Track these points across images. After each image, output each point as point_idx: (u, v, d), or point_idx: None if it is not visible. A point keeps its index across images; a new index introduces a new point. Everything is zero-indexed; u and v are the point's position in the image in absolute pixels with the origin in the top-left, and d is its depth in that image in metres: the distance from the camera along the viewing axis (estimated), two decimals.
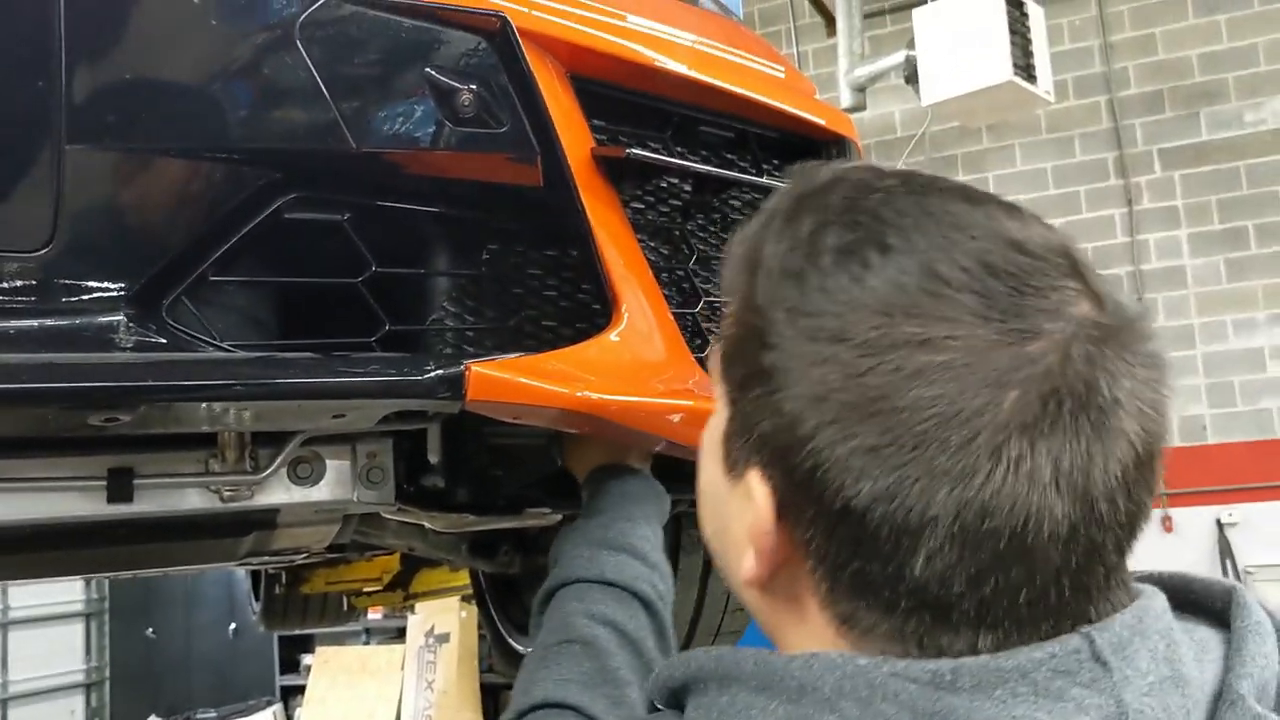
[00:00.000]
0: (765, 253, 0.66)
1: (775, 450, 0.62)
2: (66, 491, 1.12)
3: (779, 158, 1.45)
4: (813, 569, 0.62)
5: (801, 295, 0.62)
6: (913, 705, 0.57)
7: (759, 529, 0.63)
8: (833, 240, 0.63)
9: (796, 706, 0.60)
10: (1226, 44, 6.11)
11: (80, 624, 7.66)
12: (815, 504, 0.60)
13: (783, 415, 0.61)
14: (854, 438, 0.58)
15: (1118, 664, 0.58)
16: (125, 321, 0.93)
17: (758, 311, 0.64)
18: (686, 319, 1.31)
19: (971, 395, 0.57)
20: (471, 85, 1.04)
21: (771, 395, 0.61)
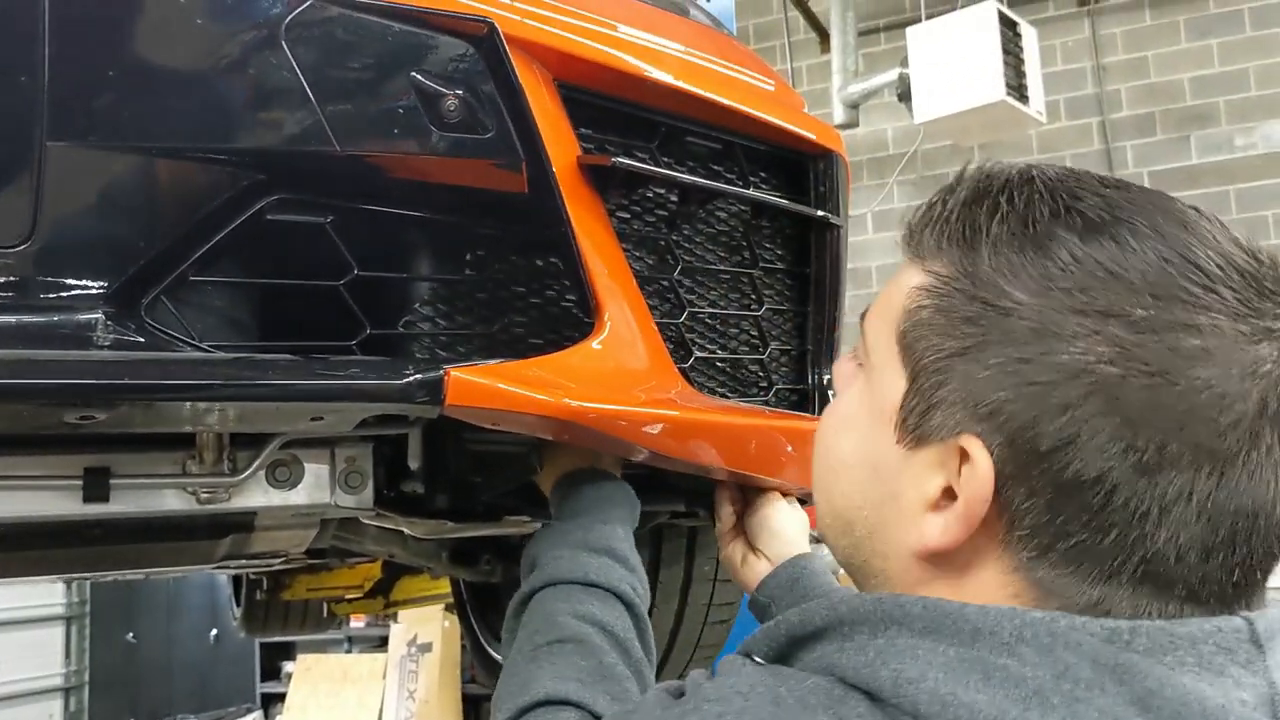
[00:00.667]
0: (984, 226, 0.67)
1: (1006, 418, 0.63)
2: (42, 490, 1.11)
3: (766, 170, 1.45)
4: (1019, 538, 0.64)
5: (1049, 266, 0.64)
6: (1094, 656, 0.59)
7: (978, 496, 0.63)
8: (1076, 218, 0.65)
9: (969, 649, 0.61)
10: (1218, 68, 6.15)
11: (60, 627, 7.60)
12: (1048, 474, 0.62)
13: (1031, 384, 0.62)
14: (1118, 411, 0.60)
15: (1270, 649, 0.61)
16: (103, 320, 0.93)
17: (984, 281, 0.65)
18: (670, 329, 1.31)
19: (1234, 382, 0.60)
20: (457, 90, 1.04)
21: (1016, 364, 0.63)
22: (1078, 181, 0.69)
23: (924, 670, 0.61)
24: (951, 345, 0.66)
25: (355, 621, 6.70)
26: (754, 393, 1.46)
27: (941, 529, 0.66)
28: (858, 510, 0.73)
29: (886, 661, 0.63)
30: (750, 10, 6.98)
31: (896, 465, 0.69)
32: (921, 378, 0.68)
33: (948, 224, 0.70)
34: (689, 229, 1.36)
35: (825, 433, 0.79)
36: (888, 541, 0.71)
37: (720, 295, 1.41)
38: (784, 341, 1.50)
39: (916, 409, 0.68)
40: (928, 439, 0.67)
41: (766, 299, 1.45)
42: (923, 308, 0.69)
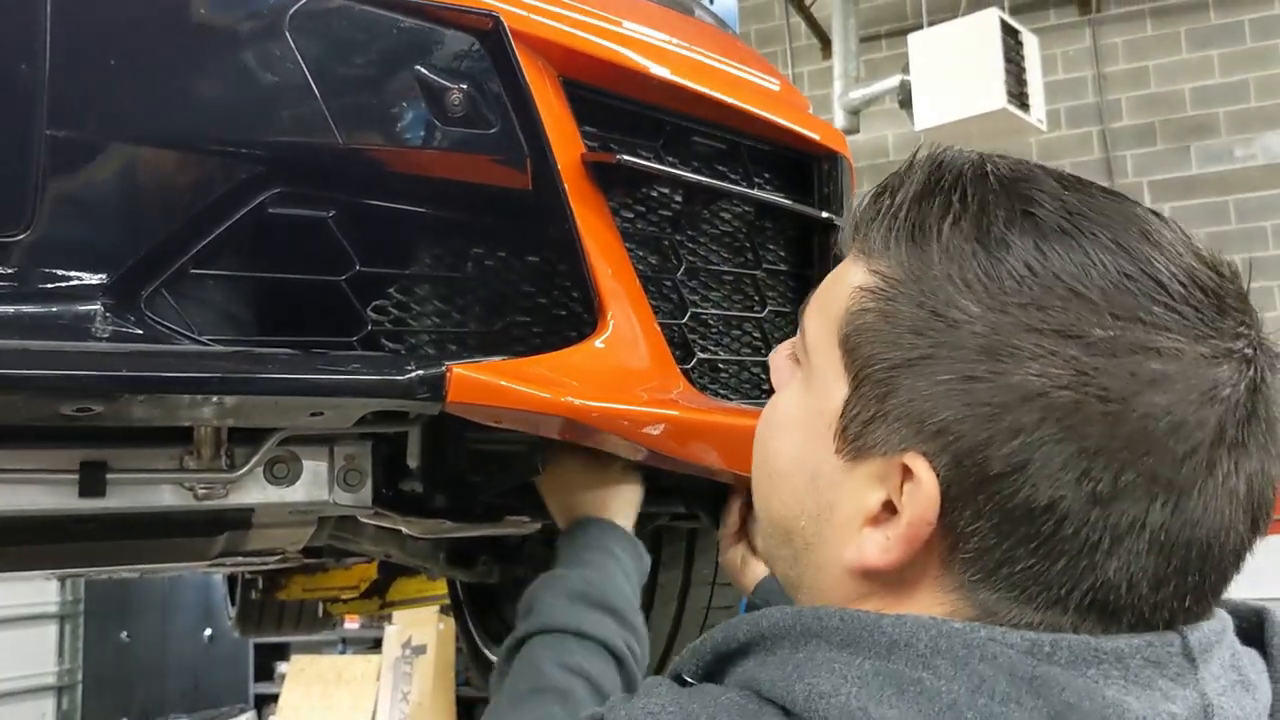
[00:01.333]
0: (935, 226, 0.63)
1: (954, 438, 0.59)
2: (37, 484, 1.10)
3: (770, 171, 1.45)
4: (962, 560, 0.61)
5: (1003, 278, 0.60)
6: (1011, 669, 0.57)
7: (922, 517, 0.60)
8: (1032, 223, 0.61)
9: (885, 662, 0.59)
10: (1218, 79, 6.16)
11: (54, 625, 7.58)
12: (996, 499, 0.59)
13: (982, 405, 0.59)
14: (1074, 439, 0.57)
15: (1203, 663, 0.59)
16: (102, 311, 0.92)
17: (932, 288, 0.61)
18: (673, 330, 1.30)
19: (1193, 408, 0.57)
20: (462, 85, 1.03)
21: (965, 381, 0.59)
22: (1034, 181, 0.65)
23: (838, 685, 0.58)
24: (896, 355, 0.62)
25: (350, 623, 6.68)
26: (756, 395, 1.45)
27: (881, 548, 0.63)
28: (794, 520, 0.69)
29: (802, 675, 0.60)
30: (752, 16, 6.99)
31: (835, 476, 0.66)
32: (864, 386, 0.64)
33: (896, 220, 0.65)
34: (693, 229, 1.35)
35: (763, 435, 0.74)
36: (823, 554, 0.67)
37: (723, 296, 1.40)
38: None
39: (858, 418, 0.64)
40: (869, 451, 0.63)
41: (770, 301, 1.44)
42: (866, 310, 0.65)
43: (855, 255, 0.68)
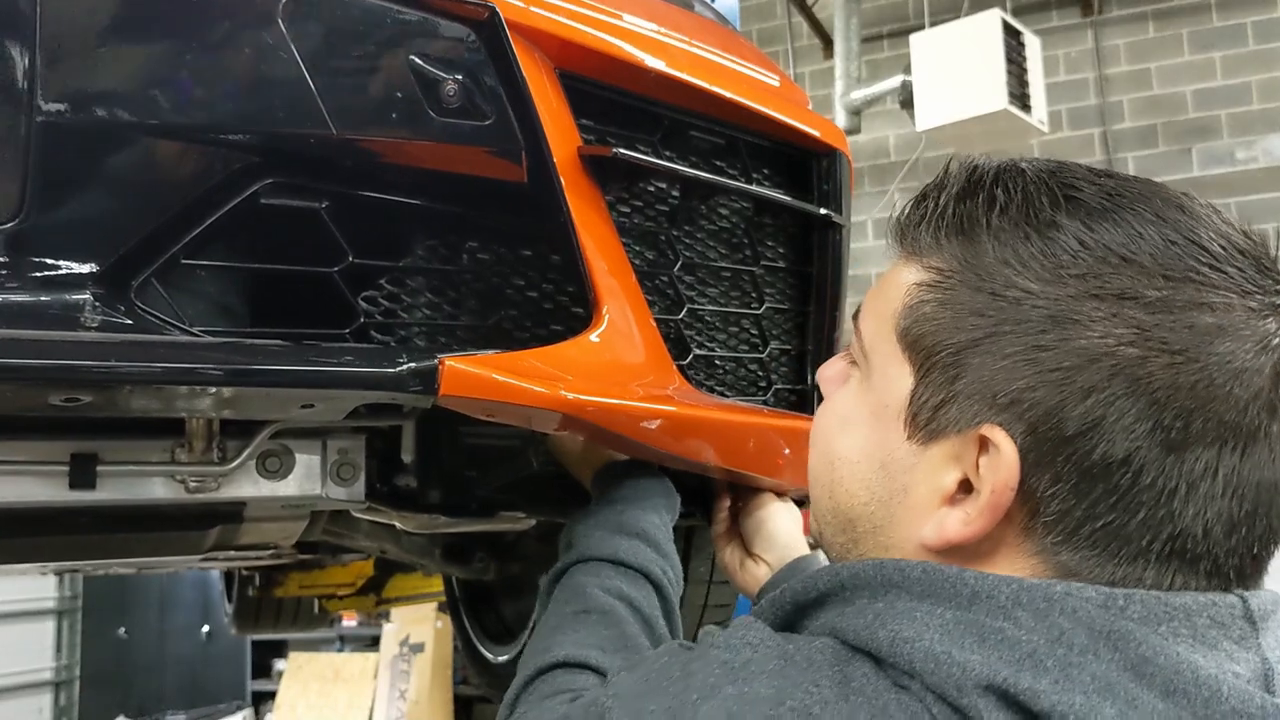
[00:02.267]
0: (983, 218, 0.68)
1: (1028, 406, 0.64)
2: (27, 476, 1.10)
3: (769, 167, 1.44)
4: (1043, 523, 0.65)
5: (1057, 254, 0.65)
6: (1090, 623, 0.60)
7: (1005, 484, 0.64)
8: (1077, 205, 0.67)
9: (966, 612, 0.62)
10: (1220, 81, 6.15)
11: (52, 621, 7.57)
12: (1074, 458, 0.63)
13: (1052, 371, 0.63)
14: (1143, 392, 0.62)
15: (1263, 628, 0.63)
16: (92, 301, 0.91)
17: (989, 272, 0.66)
18: (669, 325, 1.29)
19: (1250, 357, 0.62)
20: (457, 76, 1.02)
21: (1033, 351, 0.64)
22: (1069, 171, 0.70)
23: (920, 631, 0.62)
24: (961, 338, 0.67)
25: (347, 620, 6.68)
26: (753, 392, 1.44)
27: (963, 521, 0.67)
28: (862, 506, 0.74)
29: (884, 623, 0.63)
30: (754, 15, 6.98)
31: (907, 461, 0.70)
32: (932, 372, 0.68)
33: (943, 219, 0.71)
34: (690, 224, 1.34)
35: (823, 432, 0.80)
36: (894, 535, 0.71)
37: (720, 293, 1.39)
38: (784, 341, 1.48)
39: (928, 403, 0.69)
40: (942, 433, 0.68)
41: (767, 297, 1.44)
42: (924, 303, 0.70)
43: (904, 257, 0.74)
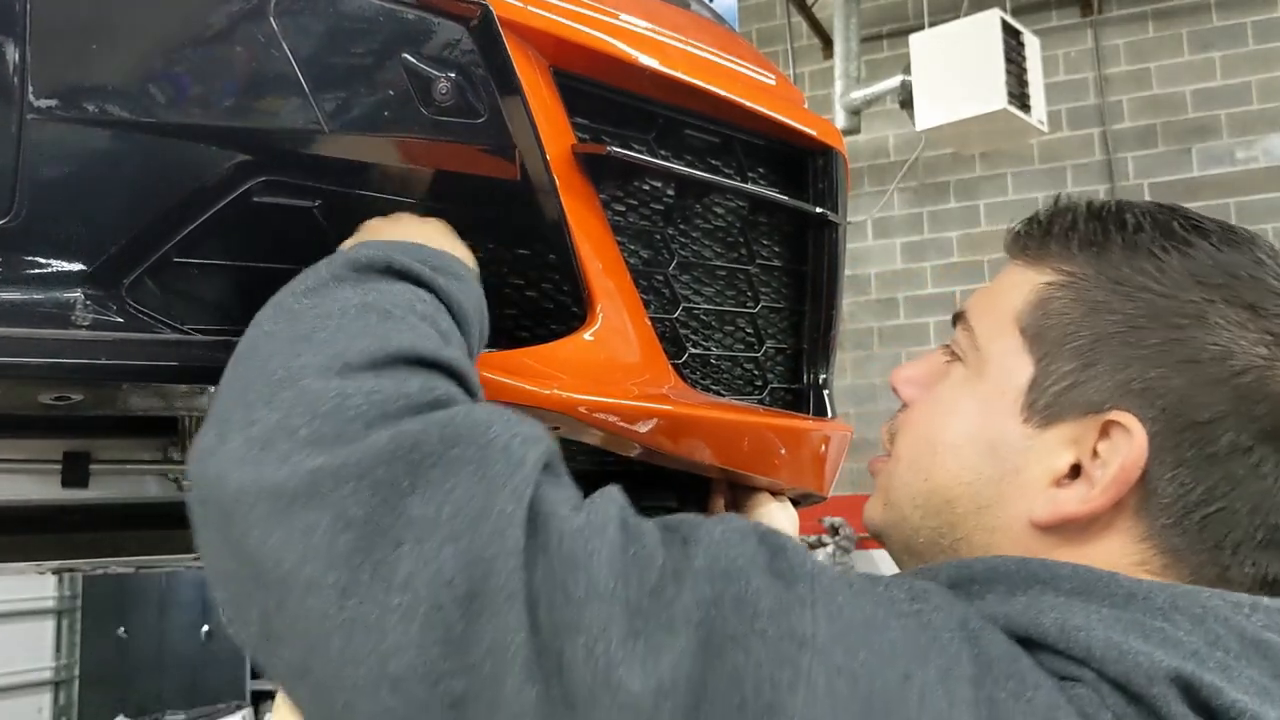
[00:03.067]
0: (1117, 234, 0.77)
1: (1162, 393, 0.71)
2: (19, 474, 1.09)
3: (765, 166, 1.43)
4: (1159, 506, 0.71)
5: (1193, 265, 0.73)
6: (1240, 631, 0.64)
7: (1134, 463, 0.70)
8: (1207, 233, 0.76)
9: (1124, 611, 0.64)
10: (1220, 81, 6.15)
11: (51, 621, 7.58)
12: (1200, 444, 0.70)
13: (1188, 362, 0.70)
14: (1267, 390, 0.70)
15: None
16: (83, 299, 0.91)
17: (1126, 276, 0.75)
18: (664, 325, 1.29)
19: None
20: (450, 74, 1.02)
21: (1171, 344, 0.71)
22: (1186, 210, 0.79)
23: (1088, 621, 0.63)
24: (1095, 330, 0.74)
25: None
26: (748, 391, 1.44)
27: (1081, 499, 0.72)
28: (965, 486, 0.78)
29: (1043, 613, 0.64)
30: (753, 15, 6.98)
31: (1021, 443, 0.75)
32: (1059, 360, 0.75)
33: (1075, 230, 0.79)
34: (685, 223, 1.34)
35: (925, 419, 0.84)
36: (999, 515, 0.76)
37: (716, 291, 1.39)
38: (780, 340, 1.48)
39: (1050, 389, 0.74)
40: (1062, 416, 0.74)
41: (763, 296, 1.43)
42: (1055, 299, 0.77)
43: (1022, 264, 0.82)
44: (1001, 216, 6.30)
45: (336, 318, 0.76)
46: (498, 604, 0.58)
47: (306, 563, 0.61)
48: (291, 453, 0.65)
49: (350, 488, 0.63)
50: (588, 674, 0.56)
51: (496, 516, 0.61)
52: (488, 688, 0.57)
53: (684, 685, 0.56)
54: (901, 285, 6.55)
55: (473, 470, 0.63)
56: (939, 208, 6.52)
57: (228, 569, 0.66)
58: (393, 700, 0.58)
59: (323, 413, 0.67)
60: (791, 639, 0.58)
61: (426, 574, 0.59)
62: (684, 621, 0.58)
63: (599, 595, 0.59)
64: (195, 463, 0.69)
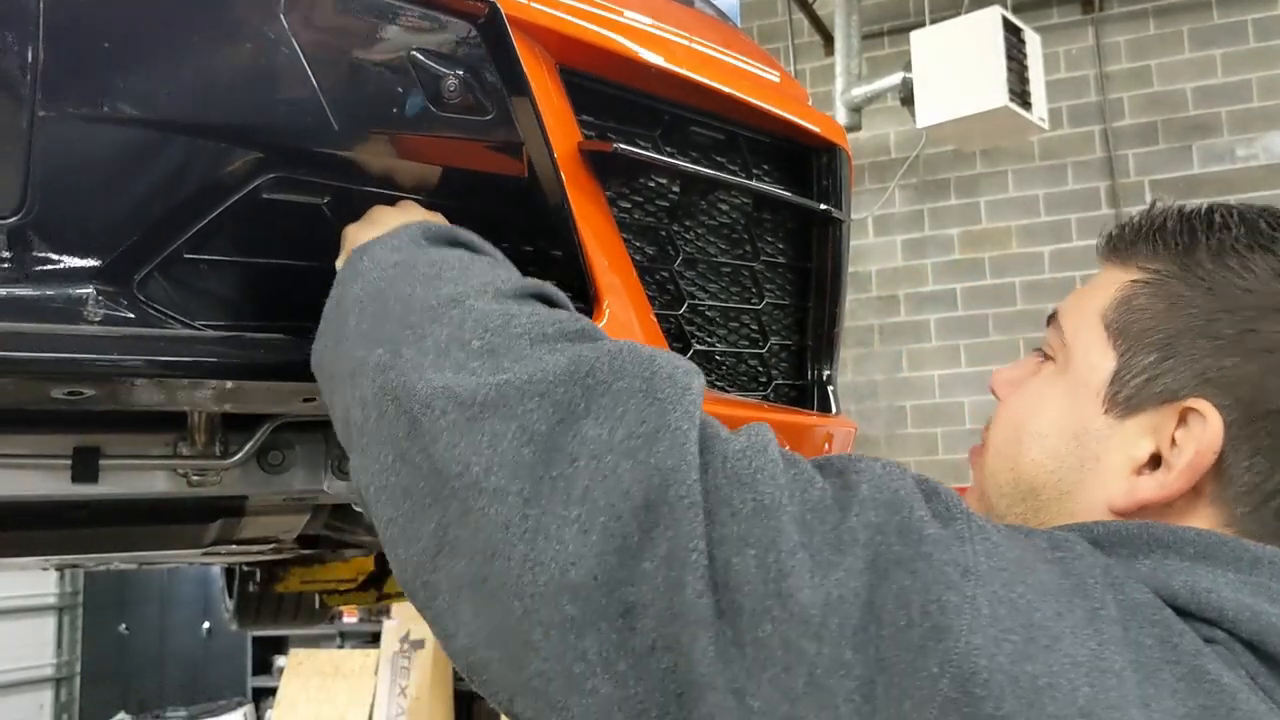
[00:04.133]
0: (1203, 234, 0.78)
1: (1238, 381, 0.72)
2: (30, 469, 1.10)
3: (769, 163, 1.44)
4: (1234, 494, 0.72)
5: (1276, 263, 0.75)
6: None
7: (1209, 447, 0.72)
8: None
9: (1250, 575, 0.67)
10: (1221, 79, 6.14)
11: (53, 617, 7.59)
12: (1275, 432, 0.72)
13: (1263, 352, 0.72)
14: None
15: None
16: (94, 295, 0.91)
17: (1209, 272, 0.76)
18: (670, 321, 1.29)
19: None
20: (459, 71, 1.03)
21: (1246, 335, 0.73)
22: (1274, 209, 0.80)
23: (1215, 584, 0.65)
24: (1175, 324, 0.76)
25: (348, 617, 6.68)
26: (753, 387, 1.44)
27: (1159, 485, 0.73)
28: (1049, 474, 0.80)
29: (1171, 576, 0.66)
30: (754, 12, 6.97)
31: (1103, 433, 0.78)
32: (1140, 354, 0.77)
33: (1163, 230, 0.81)
34: (690, 220, 1.34)
35: (1014, 412, 0.86)
36: (1081, 500, 0.78)
37: (721, 288, 1.40)
38: (784, 336, 1.49)
39: (1131, 381, 0.77)
40: (1142, 407, 0.76)
41: (767, 293, 1.44)
42: (1138, 295, 0.79)
43: (1113, 265, 0.84)
44: (1002, 213, 6.29)
45: (455, 264, 0.83)
46: (677, 512, 0.61)
47: (493, 471, 0.65)
48: (468, 361, 0.71)
49: (535, 403, 0.67)
50: (759, 584, 0.58)
51: (673, 432, 0.64)
52: (660, 596, 0.60)
53: (852, 601, 0.58)
54: (902, 282, 6.54)
55: (642, 396, 0.67)
56: (940, 204, 6.51)
57: (405, 483, 0.69)
58: (572, 608, 0.61)
59: (493, 327, 0.74)
60: (955, 566, 0.60)
61: (603, 487, 0.63)
62: (851, 542, 0.61)
63: (766, 510, 0.61)
64: (373, 378, 0.73)
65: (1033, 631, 0.58)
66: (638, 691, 0.59)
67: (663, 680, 0.59)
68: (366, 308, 0.81)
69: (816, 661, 0.57)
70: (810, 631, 0.57)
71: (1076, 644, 0.58)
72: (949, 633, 0.57)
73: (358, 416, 0.75)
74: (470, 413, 0.67)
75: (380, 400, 0.72)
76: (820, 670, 0.56)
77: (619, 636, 0.60)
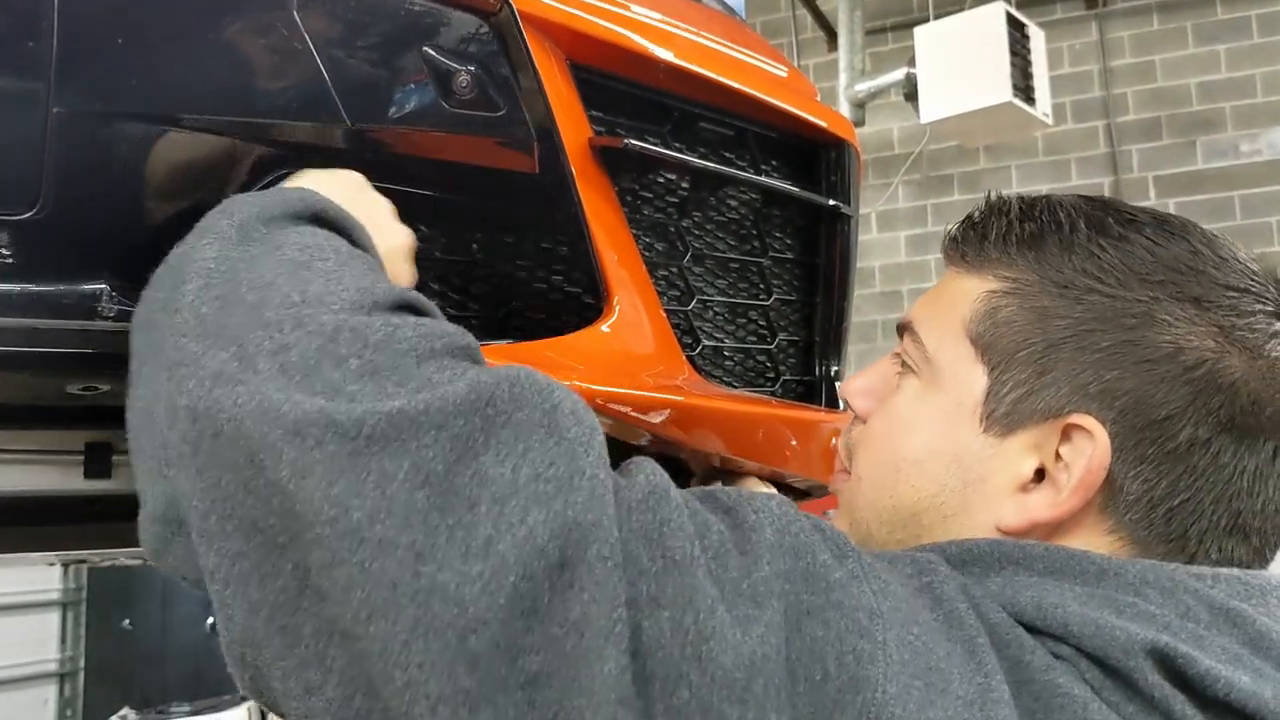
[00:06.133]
0: (1052, 236, 0.76)
1: (1120, 394, 0.71)
2: (42, 465, 1.10)
3: (778, 158, 1.44)
4: (1124, 503, 0.72)
5: (1134, 263, 0.73)
6: (1209, 602, 0.66)
7: (1100, 464, 0.71)
8: (1142, 225, 0.76)
9: (1096, 588, 0.66)
10: (1224, 74, 6.15)
11: (56, 613, 7.60)
12: (1160, 441, 0.71)
13: (1142, 363, 0.71)
14: (1222, 383, 0.71)
15: None
16: (108, 291, 0.92)
17: (1069, 280, 0.74)
18: (678, 317, 1.30)
19: None
20: (470, 67, 1.03)
21: (1124, 346, 0.71)
22: (1118, 202, 0.79)
23: (1062, 600, 0.65)
24: (1046, 337, 0.74)
25: None
26: (761, 383, 1.45)
27: (1050, 504, 0.72)
28: (930, 499, 0.78)
29: (1019, 592, 0.66)
30: (758, 8, 6.98)
31: (984, 452, 0.75)
32: (1013, 369, 0.75)
33: (1010, 235, 0.78)
34: (699, 215, 1.35)
35: (880, 437, 0.83)
36: (964, 522, 0.76)
37: (729, 284, 1.40)
38: (792, 332, 1.49)
39: (1007, 397, 0.75)
40: (1022, 424, 0.74)
41: (776, 289, 1.44)
42: (1001, 307, 0.76)
43: (964, 271, 0.81)
44: None
45: (330, 255, 0.72)
46: (598, 574, 0.54)
47: (378, 519, 0.55)
48: (344, 383, 0.60)
49: (431, 437, 0.58)
50: (675, 648, 0.54)
51: (590, 480, 0.58)
52: (567, 665, 0.53)
53: (775, 659, 0.55)
54: (906, 278, 6.55)
55: (544, 433, 0.60)
56: (943, 200, 6.52)
57: (254, 515, 0.59)
58: (469, 680, 0.53)
59: (374, 342, 0.63)
60: (862, 610, 0.59)
61: (511, 539, 0.55)
62: (766, 594, 0.57)
63: (679, 566, 0.56)
64: (209, 388, 0.61)
65: (931, 676, 0.58)
66: None
67: None
68: (212, 283, 0.68)
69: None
70: (734, 695, 0.53)
71: (965, 682, 0.59)
72: (866, 683, 0.56)
73: (183, 426, 0.62)
74: (353, 446, 0.57)
75: (215, 417, 0.60)
76: None
77: (516, 711, 0.53)
